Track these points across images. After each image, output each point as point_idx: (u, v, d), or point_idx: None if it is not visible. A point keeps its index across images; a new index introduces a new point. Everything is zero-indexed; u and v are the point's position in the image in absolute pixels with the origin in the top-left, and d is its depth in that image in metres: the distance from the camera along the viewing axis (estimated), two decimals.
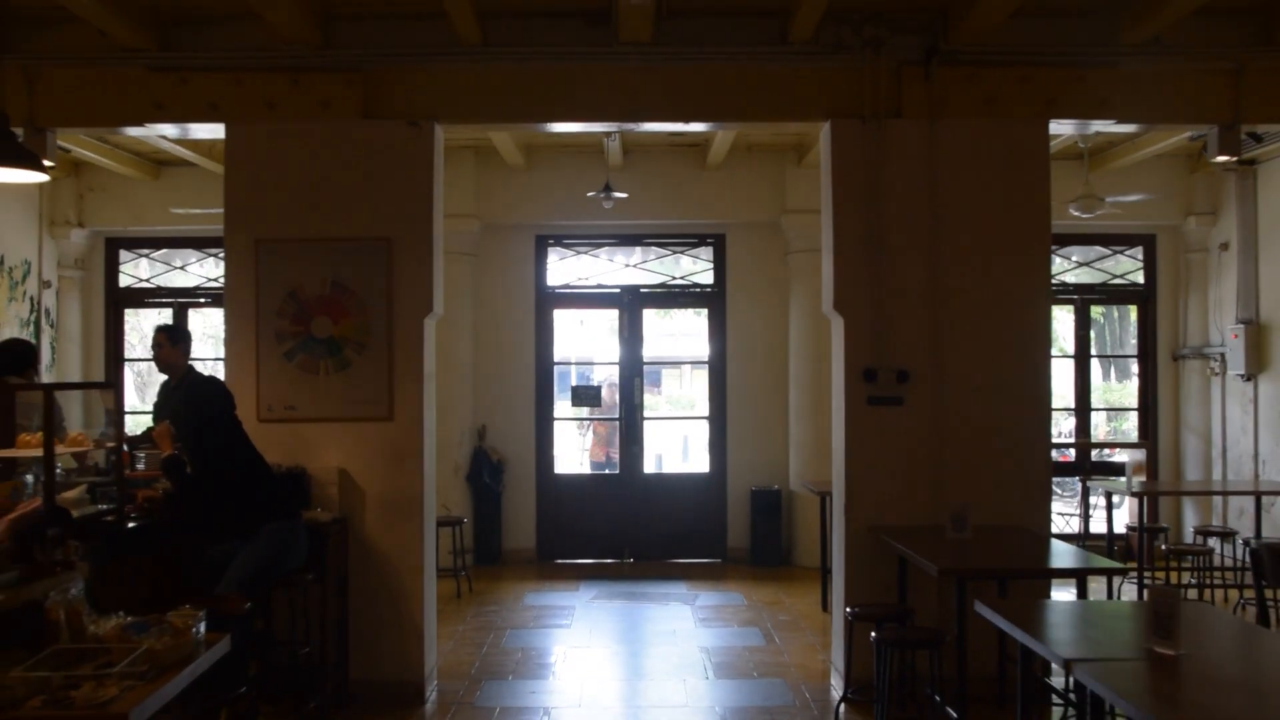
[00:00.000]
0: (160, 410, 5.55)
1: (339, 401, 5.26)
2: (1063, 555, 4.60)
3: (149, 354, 5.80)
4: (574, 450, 9.84)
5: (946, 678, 4.62)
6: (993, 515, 5.16)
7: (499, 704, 5.28)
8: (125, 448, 4.72)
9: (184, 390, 4.86)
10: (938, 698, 4.52)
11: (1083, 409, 9.24)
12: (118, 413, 4.83)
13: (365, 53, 5.26)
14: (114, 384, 4.94)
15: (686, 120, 5.56)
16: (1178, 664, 2.81)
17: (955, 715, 4.38)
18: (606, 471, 9.71)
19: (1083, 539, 8.56)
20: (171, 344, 5.57)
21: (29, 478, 4.08)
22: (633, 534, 9.13)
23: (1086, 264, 9.34)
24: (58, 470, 4.23)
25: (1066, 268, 9.34)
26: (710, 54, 5.28)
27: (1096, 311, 10.27)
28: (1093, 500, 8.85)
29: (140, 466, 5.04)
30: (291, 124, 5.28)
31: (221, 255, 8.91)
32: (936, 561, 4.27)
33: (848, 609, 4.93)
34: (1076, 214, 7.58)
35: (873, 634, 4.46)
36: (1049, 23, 5.27)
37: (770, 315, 9.06)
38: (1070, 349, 9.36)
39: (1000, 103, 5.28)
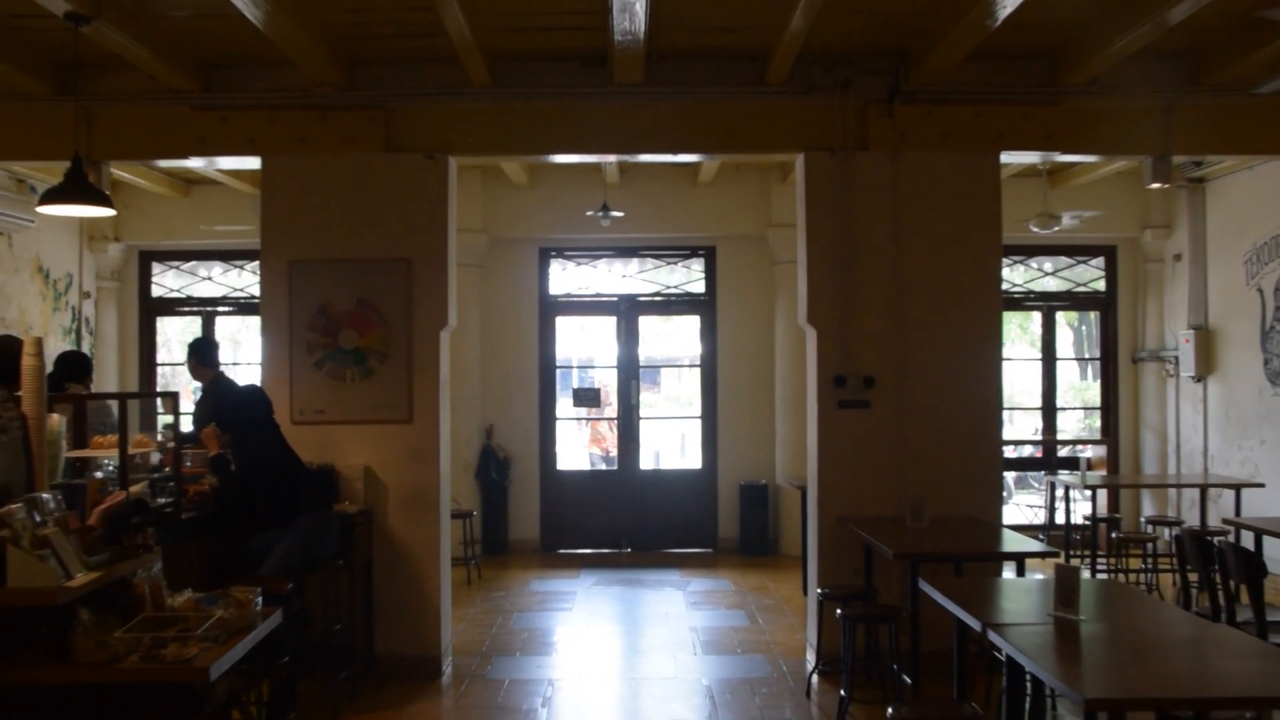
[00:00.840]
0: (203, 414, 6.16)
1: (364, 406, 5.88)
2: (1004, 540, 5.21)
3: (181, 360, 6.45)
4: (575, 448, 10.44)
5: (905, 651, 5.23)
6: (950, 506, 5.78)
7: (508, 677, 5.90)
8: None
9: (229, 397, 5.45)
10: (895, 667, 5.13)
11: (1049, 408, 9.86)
12: (176, 417, 5.43)
13: (386, 93, 5.87)
14: (175, 393, 5.53)
15: (676, 152, 6.18)
16: (1076, 627, 3.42)
17: (910, 682, 4.99)
18: (605, 467, 10.32)
19: (1048, 530, 9.18)
20: (199, 364, 6.23)
21: (99, 474, 4.68)
22: (630, 526, 9.76)
23: (1053, 273, 9.96)
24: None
25: (1035, 276, 9.96)
26: (696, 93, 5.90)
27: (1072, 316, 10.85)
28: (1059, 493, 9.47)
29: (187, 464, 5.65)
30: (321, 157, 5.89)
31: (245, 267, 9.58)
32: (893, 547, 4.89)
33: (819, 590, 5.55)
34: (1036, 230, 8.19)
35: (838, 611, 5.07)
36: (999, 65, 5.88)
37: (757, 321, 9.68)
38: (1038, 353, 9.98)
39: (955, 137, 5.90)
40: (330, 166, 5.90)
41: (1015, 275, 9.90)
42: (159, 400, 8.43)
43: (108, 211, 4.96)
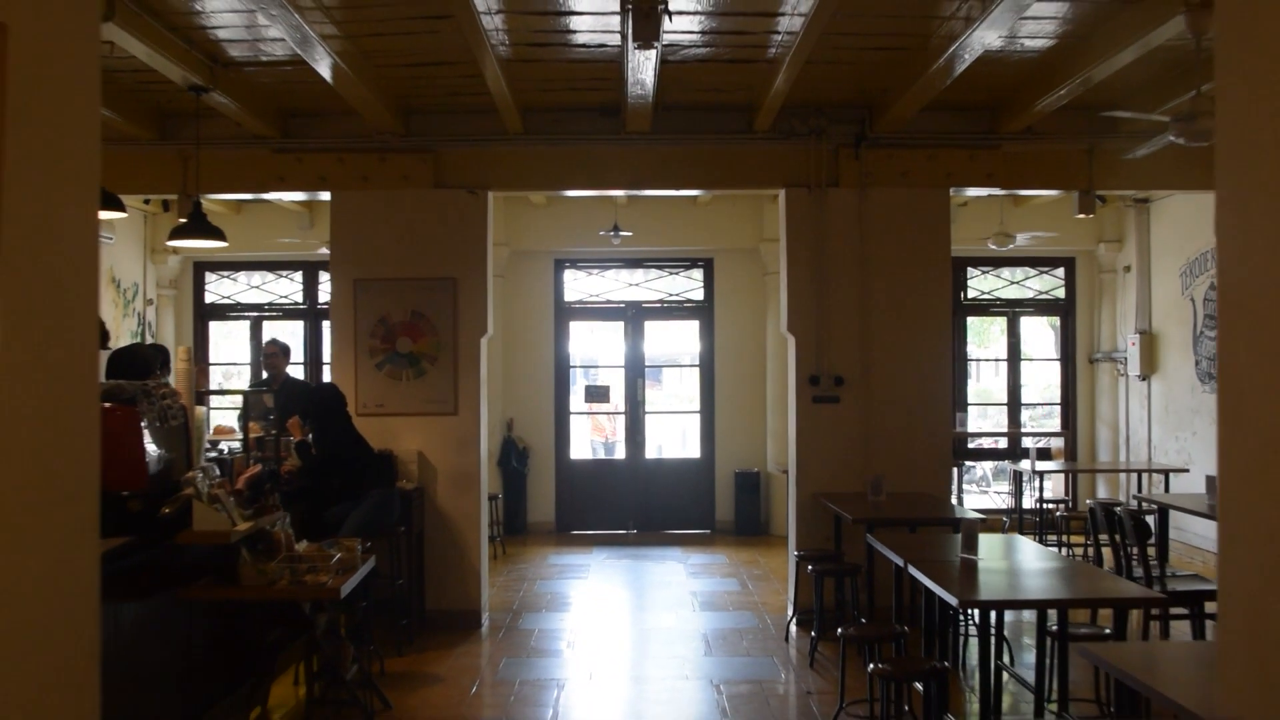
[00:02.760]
0: (284, 406, 7.30)
1: (416, 401, 7.03)
2: (945, 510, 6.36)
3: (237, 359, 7.58)
4: (587, 439, 11.58)
5: (863, 601, 6.38)
6: (906, 485, 6.91)
7: (536, 627, 7.05)
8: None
9: (312, 393, 6.60)
10: (855, 611, 6.27)
11: (1014, 404, 11.00)
12: (277, 410, 6.58)
13: (436, 139, 7.02)
14: (297, 388, 6.69)
15: (678, 188, 7.35)
16: (974, 564, 4.57)
17: (865, 621, 6.14)
18: (606, 455, 11.46)
19: (1012, 513, 10.32)
20: (285, 357, 7.37)
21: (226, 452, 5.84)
22: (636, 509, 10.91)
23: (1016, 282, 11.09)
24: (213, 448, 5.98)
25: (1000, 285, 11.10)
26: (695, 139, 7.04)
27: (1054, 320, 11.78)
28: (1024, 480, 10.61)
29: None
30: (380, 192, 7.03)
31: (289, 276, 10.71)
32: (853, 514, 6.05)
33: (796, 553, 6.70)
34: (994, 247, 9.33)
35: (810, 568, 6.22)
36: (948, 116, 7.02)
37: (750, 326, 10.82)
38: (1003, 354, 11.12)
39: (912, 175, 7.04)
40: (388, 200, 7.04)
41: (984, 284, 11.03)
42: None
43: (222, 244, 6.11)
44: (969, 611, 5.40)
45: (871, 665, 4.22)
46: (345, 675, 5.08)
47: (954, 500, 9.62)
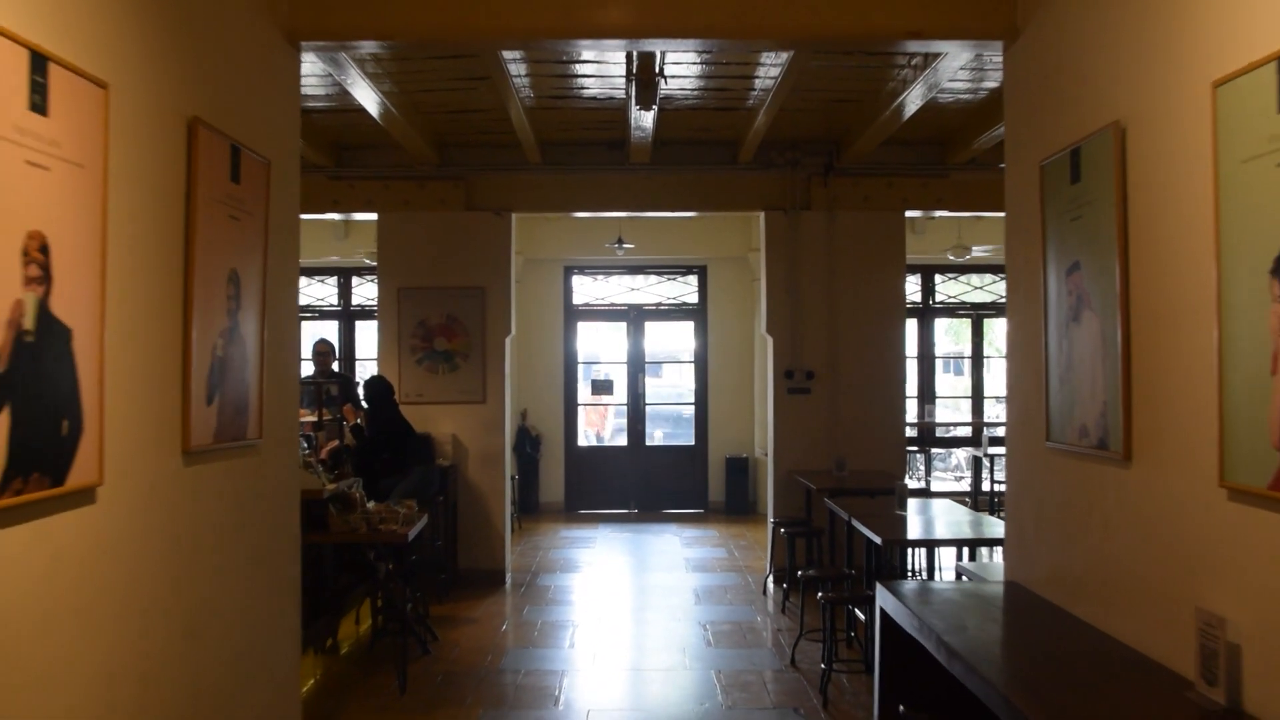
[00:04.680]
0: (339, 395, 8.52)
1: (451, 391, 8.25)
2: (890, 484, 7.56)
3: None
4: (593, 428, 12.81)
5: (826, 557, 7.60)
6: (869, 464, 8.13)
7: (551, 584, 8.28)
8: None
9: (366, 385, 7.81)
10: (817, 562, 7.49)
11: (977, 397, 12.22)
12: (341, 397, 7.80)
13: (467, 168, 8.23)
14: (347, 377, 7.90)
15: (673, 210, 8.55)
16: (902, 519, 5.79)
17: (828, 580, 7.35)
18: (617, 443, 12.69)
19: (973, 494, 11.53)
20: (332, 354, 8.59)
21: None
22: (637, 491, 12.14)
23: (980, 287, 12.30)
24: None
25: (966, 289, 12.31)
26: (688, 169, 8.25)
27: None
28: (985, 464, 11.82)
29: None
30: (420, 213, 8.25)
31: (323, 279, 11.92)
32: (818, 485, 7.27)
33: (773, 520, 7.92)
34: (952, 258, 10.55)
35: (783, 531, 7.43)
36: (904, 149, 8.22)
37: (740, 326, 12.04)
38: (968, 352, 12.34)
39: (874, 200, 8.25)
40: (427, 221, 8.25)
41: (951, 289, 12.25)
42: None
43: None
44: (905, 554, 6.62)
45: (820, 594, 5.45)
46: (405, 611, 6.31)
47: (918, 481, 10.88)
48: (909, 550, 6.66)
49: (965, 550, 6.51)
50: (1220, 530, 2.22)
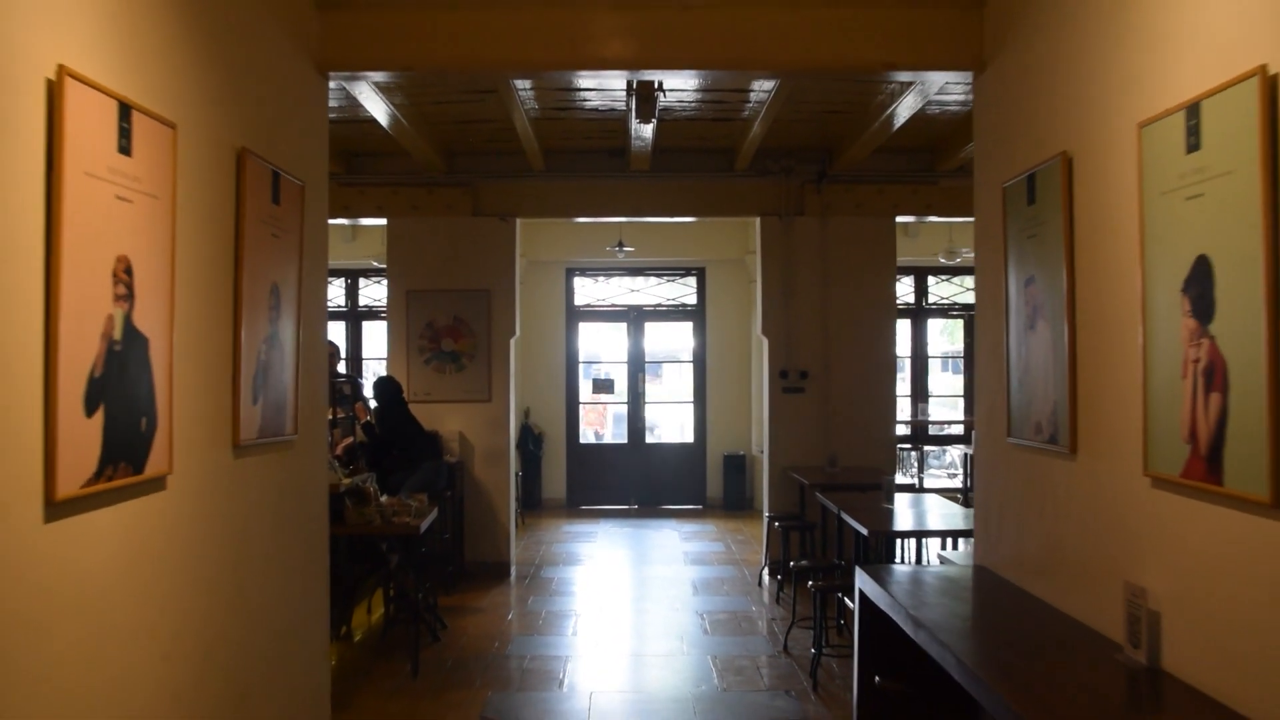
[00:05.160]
0: (351, 394, 8.85)
1: (458, 390, 8.57)
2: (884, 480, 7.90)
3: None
4: (594, 426, 13.14)
5: (818, 550, 7.93)
6: (860, 461, 8.46)
7: (555, 576, 8.61)
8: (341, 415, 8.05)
9: (375, 385, 8.14)
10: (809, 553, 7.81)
11: (970, 395, 12.54)
12: (354, 396, 8.13)
13: (474, 175, 8.55)
14: (350, 380, 8.22)
15: (672, 215, 8.88)
16: (889, 510, 6.11)
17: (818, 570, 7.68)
18: (618, 441, 13.02)
19: (965, 490, 11.86)
20: (339, 355, 8.92)
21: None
22: (637, 487, 12.47)
23: (972, 289, 12.62)
24: None
25: (958, 291, 12.63)
26: (686, 176, 8.57)
27: None
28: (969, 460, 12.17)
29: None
30: (428, 219, 8.57)
31: (331, 281, 12.22)
32: (810, 480, 7.59)
33: (768, 515, 8.25)
34: (943, 260, 10.88)
35: (777, 524, 7.76)
36: (895, 157, 8.54)
37: (737, 327, 12.37)
38: (961, 351, 12.66)
39: (865, 206, 8.57)
40: (434, 226, 8.57)
41: (944, 290, 12.57)
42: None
43: None
44: (893, 545, 6.96)
45: (810, 582, 5.78)
46: (416, 600, 6.64)
47: (911, 478, 11.20)
48: (898, 542, 6.99)
49: (950, 541, 6.85)
50: (1144, 513, 2.54)
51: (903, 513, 6.20)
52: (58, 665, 2.08)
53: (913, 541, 7.40)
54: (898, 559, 7.54)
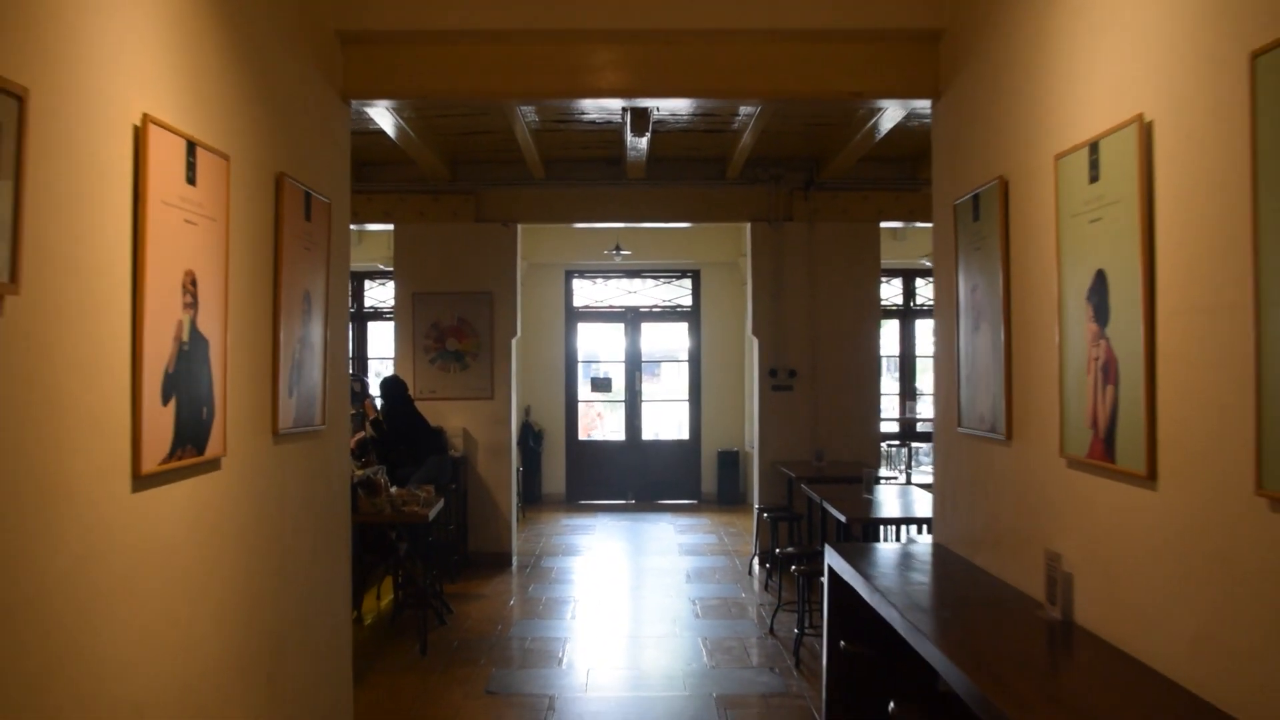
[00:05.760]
0: (359, 392, 9.25)
1: (462, 388, 8.99)
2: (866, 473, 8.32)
3: None
4: (592, 423, 13.55)
5: (806, 542, 8.34)
6: (845, 455, 8.87)
7: (554, 566, 9.03)
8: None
9: (382, 384, 8.56)
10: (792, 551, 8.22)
11: None
12: (363, 393, 8.54)
13: (477, 183, 8.97)
14: (360, 378, 8.62)
15: (667, 221, 9.30)
16: (869, 500, 6.53)
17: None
18: (615, 438, 13.43)
19: None
20: (349, 358, 9.33)
21: None
22: (634, 482, 12.89)
23: None
24: None
25: None
26: (680, 183, 8.99)
27: None
28: None
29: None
30: (434, 225, 8.98)
31: None
32: (798, 474, 8.01)
33: (757, 507, 8.66)
34: (927, 264, 11.28)
35: (766, 515, 8.17)
36: (879, 165, 8.96)
37: (731, 328, 12.78)
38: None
39: (851, 212, 8.99)
40: (440, 231, 8.99)
41: (931, 291, 12.96)
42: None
43: None
44: (877, 533, 7.37)
45: (794, 567, 6.19)
46: (424, 586, 7.05)
47: (899, 473, 11.61)
48: (881, 530, 7.40)
49: (924, 527, 7.25)
50: (1060, 489, 2.96)
51: (882, 502, 6.61)
52: (141, 612, 2.50)
53: (892, 529, 7.79)
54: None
